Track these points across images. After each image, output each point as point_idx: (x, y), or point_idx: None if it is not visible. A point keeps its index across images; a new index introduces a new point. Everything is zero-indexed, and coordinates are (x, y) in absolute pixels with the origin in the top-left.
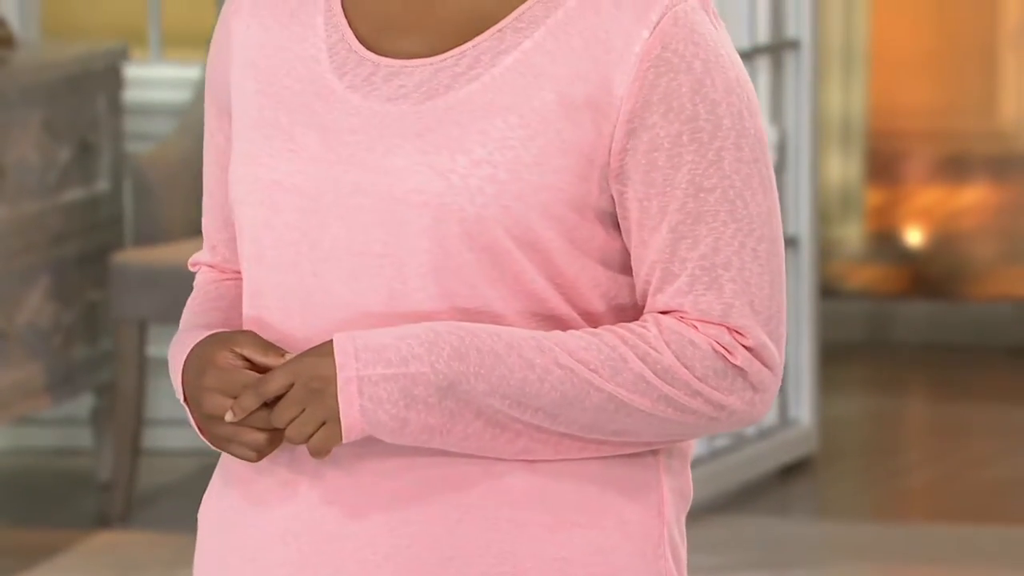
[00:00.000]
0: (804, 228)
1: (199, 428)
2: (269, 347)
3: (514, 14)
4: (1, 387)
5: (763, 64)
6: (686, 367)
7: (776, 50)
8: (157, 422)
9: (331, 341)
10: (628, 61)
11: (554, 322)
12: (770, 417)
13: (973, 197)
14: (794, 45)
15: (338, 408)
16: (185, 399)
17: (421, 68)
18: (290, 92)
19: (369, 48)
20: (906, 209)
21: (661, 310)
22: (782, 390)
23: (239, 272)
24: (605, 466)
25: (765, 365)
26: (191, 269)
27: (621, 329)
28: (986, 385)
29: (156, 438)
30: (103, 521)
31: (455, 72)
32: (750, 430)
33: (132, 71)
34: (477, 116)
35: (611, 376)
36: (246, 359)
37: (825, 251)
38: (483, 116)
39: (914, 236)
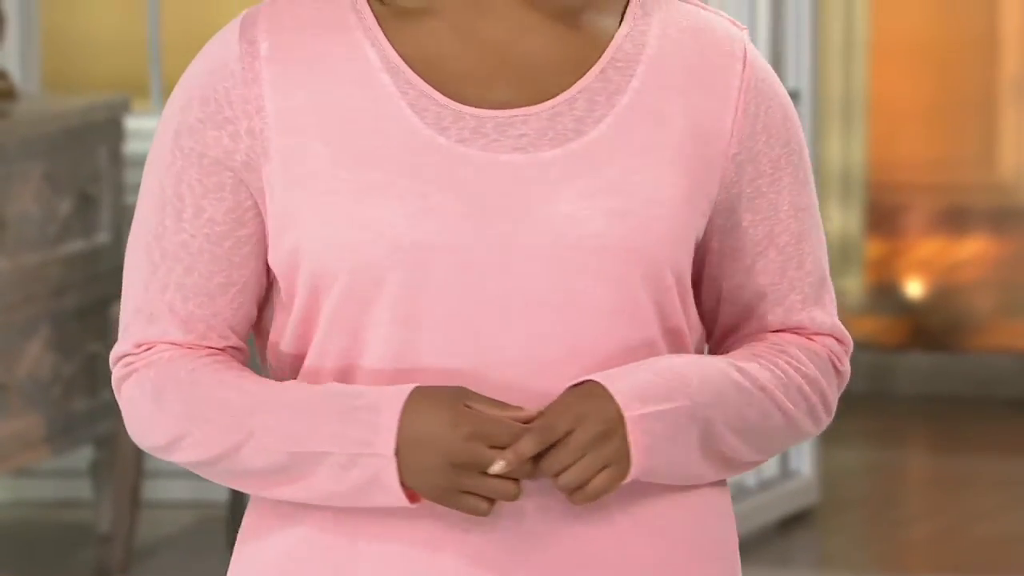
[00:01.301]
0: None
1: (404, 482)
2: (498, 401)
3: (608, 54)
4: (0, 438)
5: None
6: (823, 377)
7: None
8: (157, 474)
9: (591, 383)
10: (731, 94)
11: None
12: (771, 468)
13: (973, 249)
14: (794, 96)
15: (627, 449)
16: (396, 451)
17: (534, 116)
18: (386, 151)
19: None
20: (906, 261)
21: (777, 329)
22: None
23: (215, 348)
24: (722, 521)
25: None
26: (133, 351)
27: (767, 345)
28: (987, 437)
29: (156, 490)
30: (103, 573)
31: (575, 116)
32: (751, 481)
33: (133, 123)
34: (622, 156)
35: (785, 394)
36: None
37: None
38: (628, 156)
39: (914, 288)
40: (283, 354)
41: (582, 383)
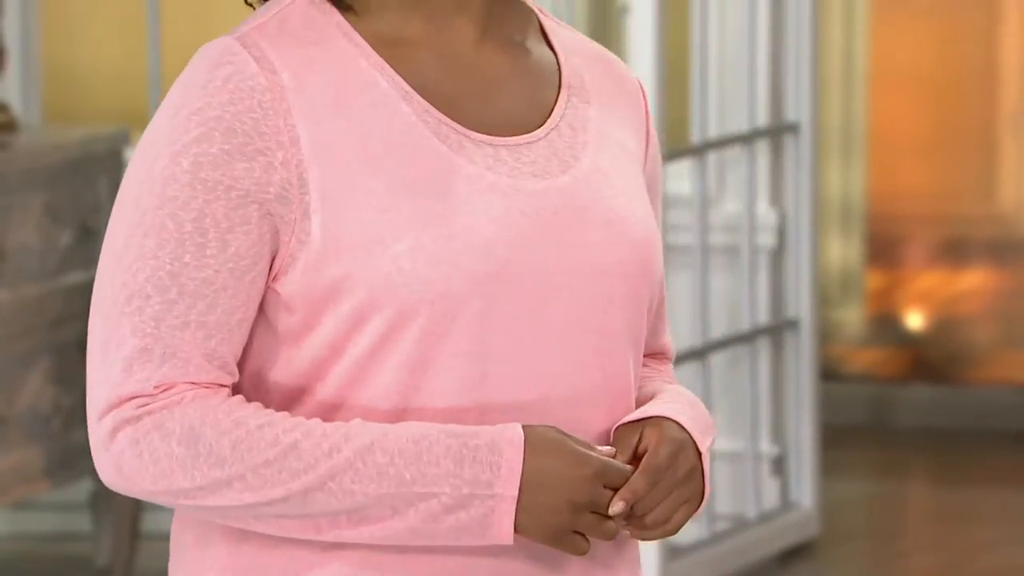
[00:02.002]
0: (804, 311)
1: (518, 521)
2: (588, 442)
3: (565, 81)
4: (0, 471)
5: (763, 147)
6: None
7: (776, 133)
8: (156, 506)
9: (667, 418)
10: (643, 120)
11: None
12: (771, 500)
13: (973, 281)
14: (793, 128)
15: (703, 487)
16: (521, 488)
17: (536, 143)
18: (431, 180)
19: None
20: (906, 292)
21: (647, 352)
22: (783, 473)
23: (228, 387)
24: None
25: None
26: (151, 392)
27: (664, 373)
28: (988, 470)
29: (155, 522)
30: None
31: (566, 143)
32: (751, 513)
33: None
34: (616, 182)
35: None
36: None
37: (825, 334)
38: (619, 181)
39: (915, 320)
40: (274, 384)
41: (646, 418)
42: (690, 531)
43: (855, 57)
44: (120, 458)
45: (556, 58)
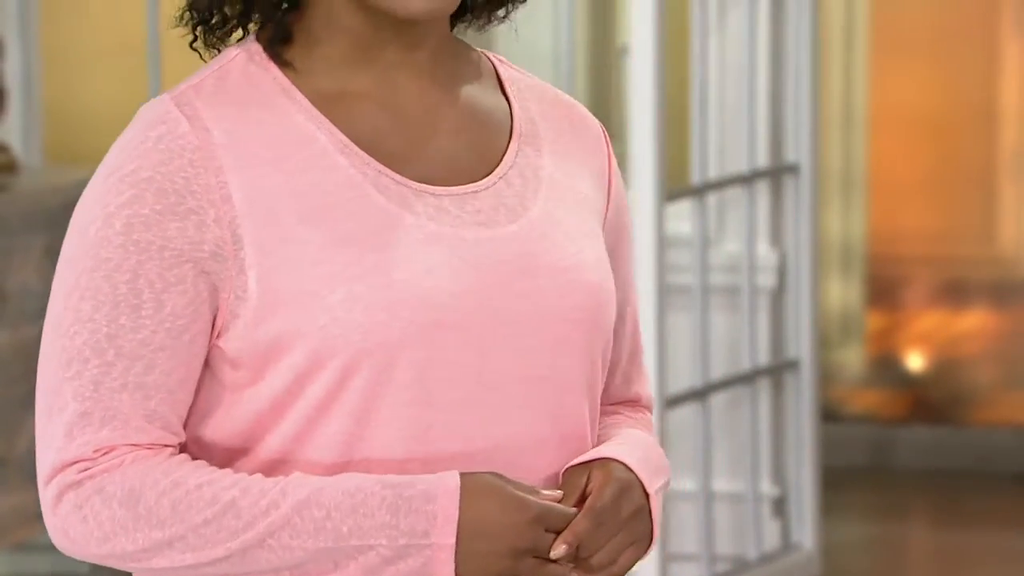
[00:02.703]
0: (805, 352)
1: (458, 569)
2: (532, 486)
3: (517, 130)
4: (0, 512)
5: (763, 188)
6: None
7: (776, 174)
8: None
9: (606, 460)
10: (604, 167)
11: None
12: (772, 542)
13: (973, 322)
14: (793, 169)
15: (651, 526)
16: (458, 536)
17: (483, 192)
18: (368, 232)
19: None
20: (907, 334)
21: (617, 400)
22: (784, 514)
23: (172, 446)
24: None
25: None
26: (91, 456)
27: (633, 420)
28: (989, 512)
29: None
30: None
31: (515, 192)
32: (752, 555)
33: None
34: (568, 230)
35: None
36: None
37: (826, 375)
38: (572, 229)
39: (915, 361)
40: (221, 439)
41: (591, 461)
42: (690, 573)
43: (855, 98)
44: (66, 522)
45: (510, 107)
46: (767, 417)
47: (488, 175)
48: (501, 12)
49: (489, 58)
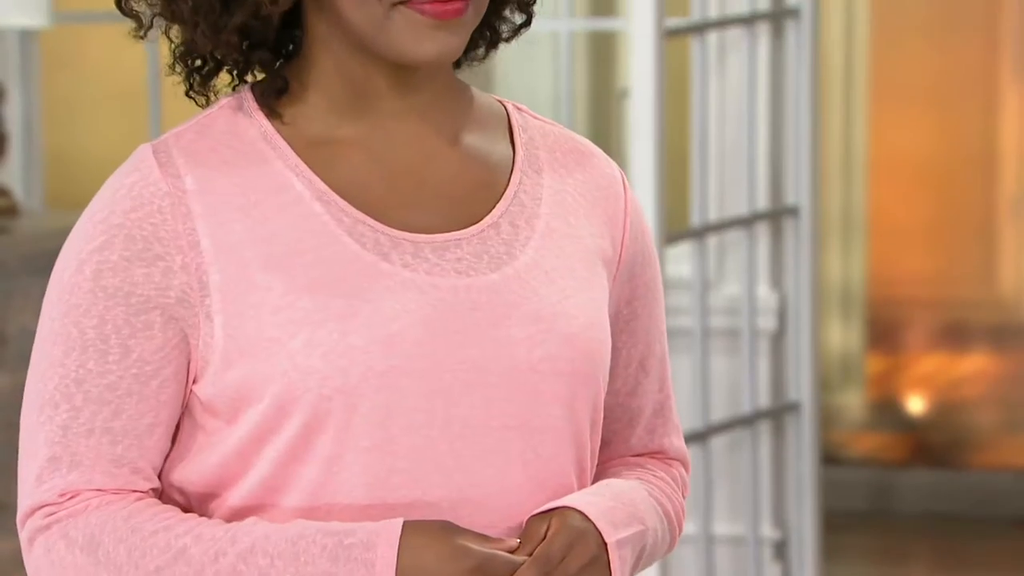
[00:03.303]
0: (805, 395)
1: None
2: (484, 535)
3: (515, 178)
4: (1, 557)
5: (763, 230)
6: (681, 503)
7: (776, 217)
8: None
9: (566, 508)
10: (619, 217)
11: None
12: None
13: (974, 366)
14: (793, 212)
15: (609, 575)
16: None
17: (466, 240)
18: (337, 279)
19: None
20: (907, 377)
21: (639, 452)
22: (785, 558)
23: (140, 492)
24: None
25: None
26: (56, 501)
27: (649, 472)
28: (989, 556)
29: None
30: None
31: (503, 240)
32: None
33: None
34: (555, 279)
35: (675, 519)
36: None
37: (826, 418)
38: (560, 279)
39: (915, 404)
40: (193, 484)
41: (554, 509)
42: None
43: (855, 142)
44: (38, 564)
45: (515, 154)
46: (768, 460)
47: (477, 223)
48: (480, 52)
49: (504, 104)
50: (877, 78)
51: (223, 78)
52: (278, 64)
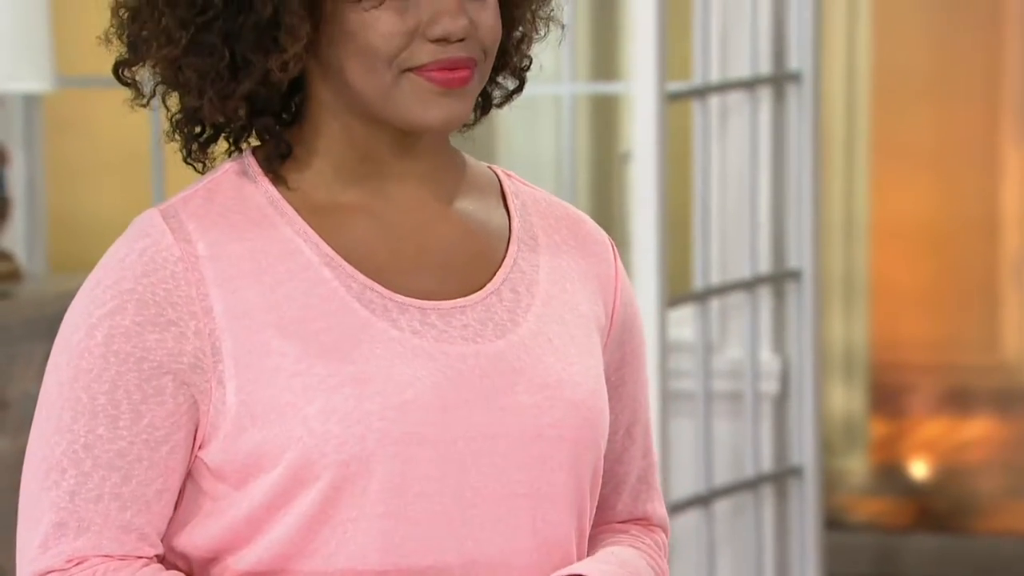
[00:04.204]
0: (808, 459)
1: None
2: None
3: (514, 245)
4: None
5: (765, 293)
6: (664, 570)
7: (778, 280)
8: None
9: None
10: (610, 284)
11: None
12: None
13: (978, 430)
14: (796, 276)
15: None
16: None
17: (471, 307)
18: (348, 345)
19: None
20: (911, 441)
21: (624, 519)
22: None
23: (147, 558)
24: None
25: None
26: (63, 567)
27: (636, 539)
28: None
29: None
30: None
31: (506, 307)
32: None
33: None
34: (557, 346)
35: None
36: None
37: (830, 482)
38: (562, 345)
39: (919, 469)
40: (195, 549)
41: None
42: None
43: (857, 205)
44: None
45: (510, 221)
46: (771, 524)
47: (480, 290)
48: (472, 117)
49: (495, 172)
50: (878, 141)
51: (220, 143)
52: (280, 129)
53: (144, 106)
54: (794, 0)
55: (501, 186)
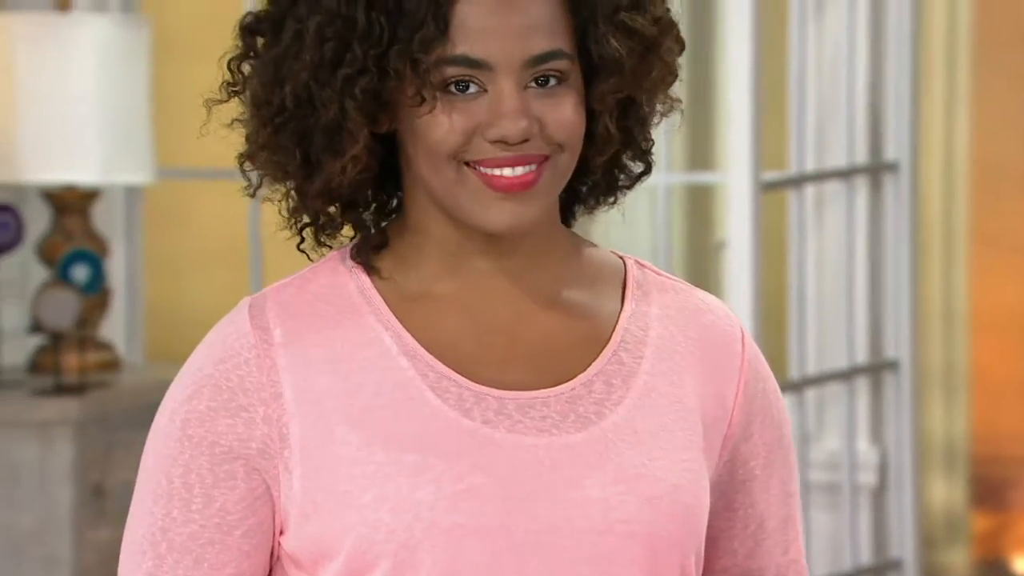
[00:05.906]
0: (908, 552)
1: None
2: None
3: (616, 337)
4: None
5: (863, 384)
6: None
7: (875, 370)
8: None
9: None
10: (732, 376)
11: None
12: None
13: None
14: (893, 365)
15: None
16: None
17: (554, 398)
18: (415, 434)
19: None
20: (1014, 536)
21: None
22: None
23: None
24: None
25: None
26: None
27: None
28: None
29: None
30: None
31: (594, 399)
32: None
33: None
34: (644, 440)
35: None
36: None
37: None
38: (650, 439)
39: (1022, 564)
40: None
41: None
42: None
43: (955, 294)
44: None
45: (620, 311)
46: None
47: (570, 380)
48: (611, 198)
49: (624, 259)
50: (977, 230)
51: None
52: (371, 221)
53: (252, 196)
54: (891, 89)
55: (625, 274)
